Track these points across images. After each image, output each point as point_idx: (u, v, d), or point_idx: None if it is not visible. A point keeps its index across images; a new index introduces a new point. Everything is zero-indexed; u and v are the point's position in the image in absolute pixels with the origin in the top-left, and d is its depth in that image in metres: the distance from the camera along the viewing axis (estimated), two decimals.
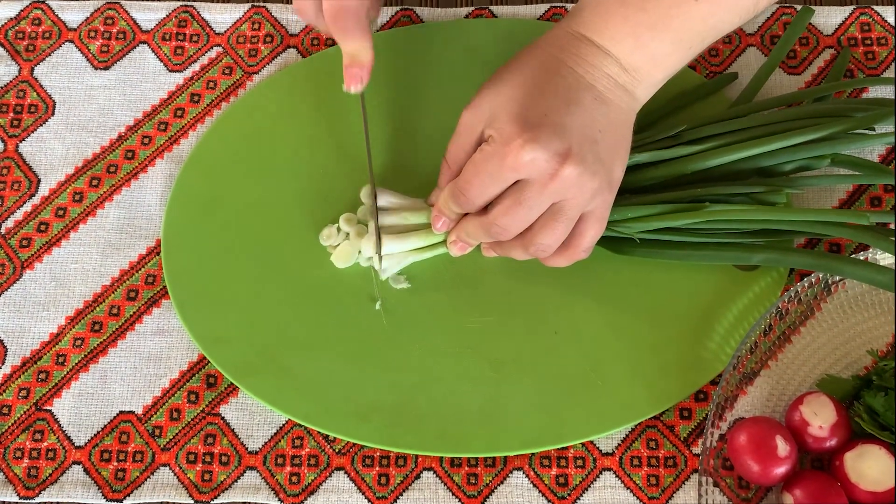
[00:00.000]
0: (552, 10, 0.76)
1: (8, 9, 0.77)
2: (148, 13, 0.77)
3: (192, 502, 0.64)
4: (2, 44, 0.76)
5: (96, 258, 0.70)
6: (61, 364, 0.68)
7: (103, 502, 0.64)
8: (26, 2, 0.77)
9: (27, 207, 0.72)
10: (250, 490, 0.64)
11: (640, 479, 0.64)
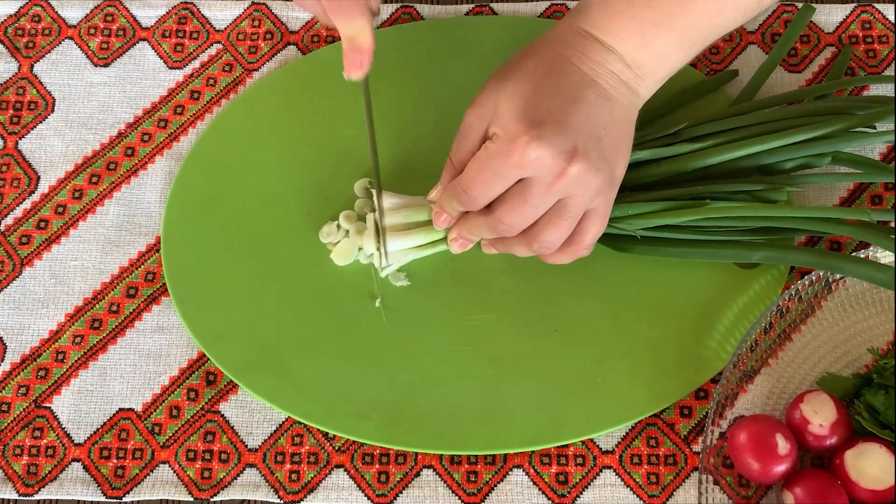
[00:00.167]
0: (552, 7, 0.76)
1: (7, 5, 0.77)
2: (148, 10, 0.77)
3: (191, 500, 0.64)
4: (1, 41, 0.76)
5: (96, 255, 0.70)
6: (61, 361, 0.68)
7: (103, 499, 0.64)
8: None
9: (27, 204, 0.72)
10: (250, 487, 0.64)
11: (641, 478, 0.64)
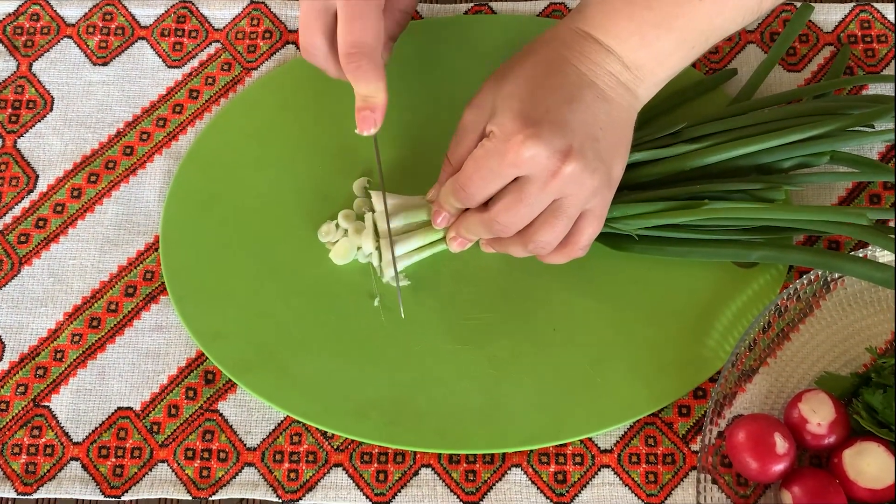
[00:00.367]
0: (551, 6, 0.76)
1: (6, 4, 0.77)
2: (146, 9, 0.77)
3: (190, 498, 0.64)
4: (0, 39, 0.76)
5: (94, 254, 0.70)
6: (59, 360, 0.68)
7: (101, 498, 0.64)
8: None
9: (25, 203, 0.72)
10: (248, 486, 0.64)
11: (639, 477, 0.64)
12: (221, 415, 0.66)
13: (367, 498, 0.64)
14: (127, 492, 0.64)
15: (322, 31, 0.59)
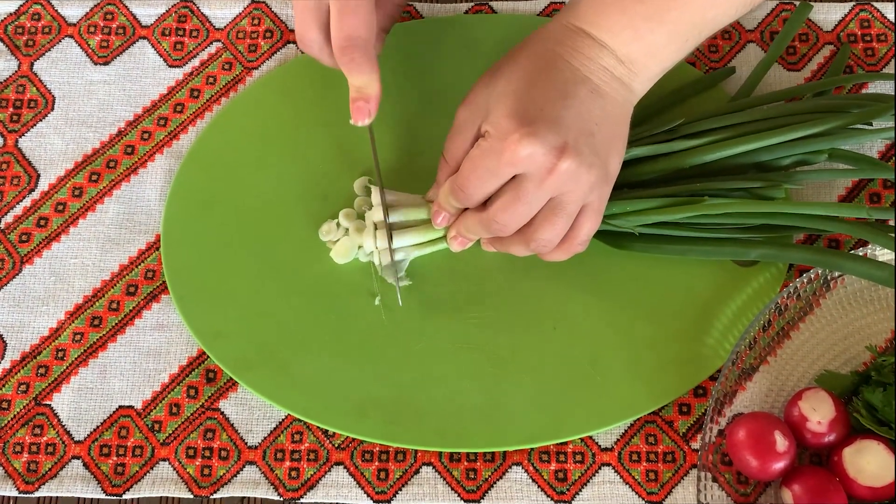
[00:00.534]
0: (551, 5, 0.76)
1: (7, 4, 0.77)
2: (147, 8, 0.77)
3: (191, 497, 0.64)
4: (1, 39, 0.76)
5: (96, 253, 0.70)
6: (61, 359, 0.68)
7: (103, 497, 0.64)
8: None
9: (27, 202, 0.72)
10: (250, 485, 0.64)
11: (639, 475, 0.64)
12: (223, 413, 0.66)
13: (368, 496, 0.64)
14: (128, 490, 0.64)
15: (317, 25, 0.60)
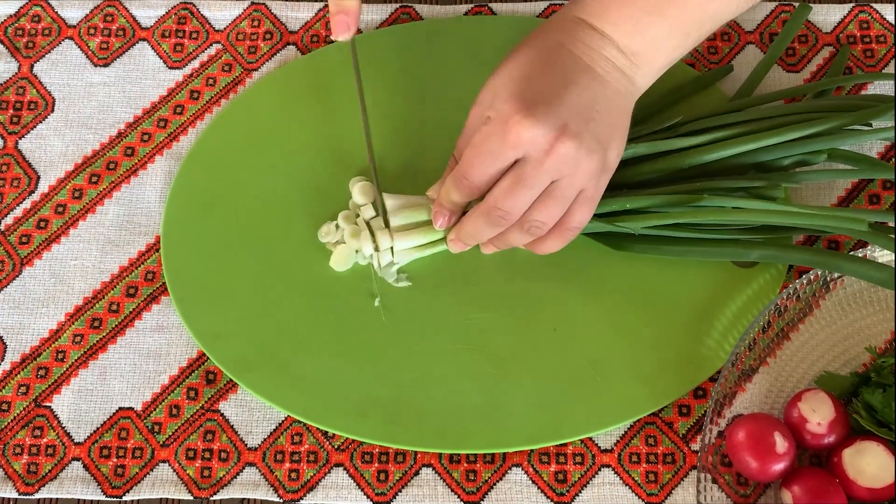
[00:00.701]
0: (551, 7, 0.76)
1: (7, 6, 0.77)
2: (147, 10, 0.77)
3: (191, 498, 0.64)
4: (1, 41, 0.76)
5: (96, 255, 0.70)
6: (61, 360, 0.68)
7: (103, 498, 0.64)
8: None
9: (27, 204, 0.72)
10: (249, 486, 0.64)
11: (639, 476, 0.64)
12: (222, 415, 0.66)
13: (368, 498, 0.64)
14: (128, 492, 0.64)
15: None
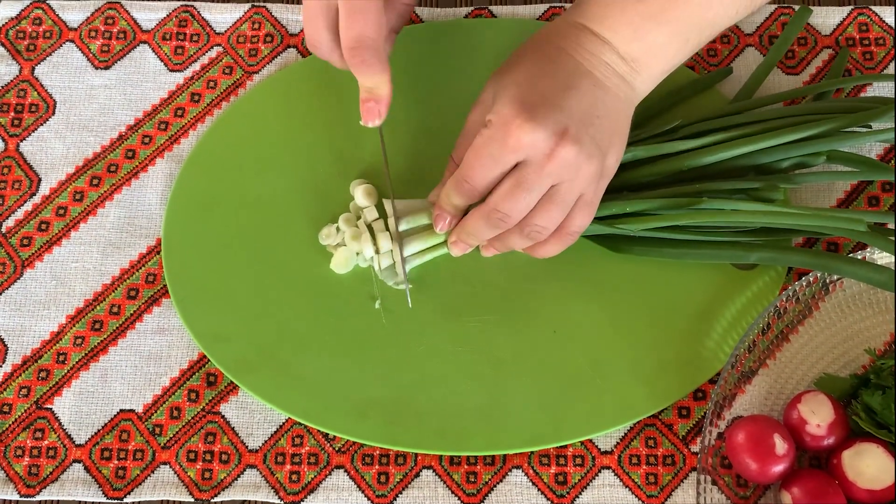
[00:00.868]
0: (551, 10, 0.76)
1: (9, 8, 0.77)
2: (148, 13, 0.77)
3: (192, 500, 0.65)
4: (2, 43, 0.77)
5: (97, 257, 0.71)
6: (62, 363, 0.68)
7: (104, 500, 0.65)
8: (27, 1, 0.78)
9: (28, 206, 0.72)
10: (250, 488, 0.65)
11: (639, 478, 0.64)
12: (223, 417, 0.66)
13: (369, 499, 0.64)
14: (129, 494, 0.65)
15: (325, 26, 0.60)
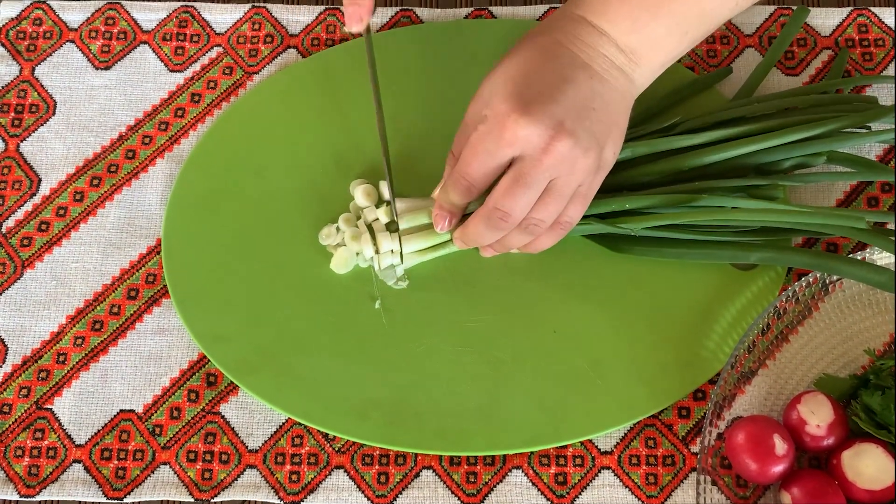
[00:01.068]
0: (550, 10, 0.76)
1: (9, 8, 0.78)
2: (148, 13, 0.77)
3: (192, 501, 0.65)
4: (3, 44, 0.77)
5: (97, 257, 0.71)
6: (62, 363, 0.68)
7: (104, 500, 0.65)
8: (27, 2, 0.78)
9: (28, 207, 0.72)
10: (250, 488, 0.65)
11: (639, 478, 0.64)
12: (223, 417, 0.66)
13: (369, 500, 0.64)
14: (129, 494, 0.65)
15: None
